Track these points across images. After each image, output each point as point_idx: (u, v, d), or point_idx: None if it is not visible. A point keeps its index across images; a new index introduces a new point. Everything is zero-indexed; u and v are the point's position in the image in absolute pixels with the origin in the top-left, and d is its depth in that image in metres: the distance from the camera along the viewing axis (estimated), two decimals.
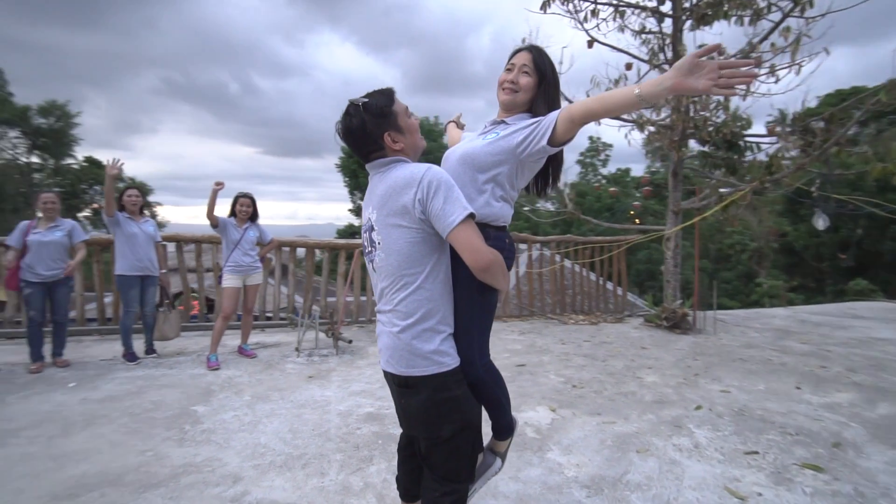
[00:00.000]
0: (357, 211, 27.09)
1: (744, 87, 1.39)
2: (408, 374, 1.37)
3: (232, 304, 4.27)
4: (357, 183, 25.33)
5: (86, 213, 32.44)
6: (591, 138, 31.15)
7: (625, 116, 5.87)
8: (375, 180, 1.43)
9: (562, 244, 6.99)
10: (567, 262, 7.21)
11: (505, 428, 1.66)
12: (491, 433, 1.68)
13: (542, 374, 4.02)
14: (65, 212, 4.19)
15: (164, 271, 4.51)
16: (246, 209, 4.35)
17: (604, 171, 32.35)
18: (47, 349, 4.06)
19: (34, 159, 31.35)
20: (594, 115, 1.29)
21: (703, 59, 1.12)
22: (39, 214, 4.05)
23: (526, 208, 9.26)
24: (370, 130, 1.35)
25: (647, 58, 5.85)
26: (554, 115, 1.36)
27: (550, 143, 1.35)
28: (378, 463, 2.46)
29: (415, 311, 1.34)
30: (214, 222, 4.16)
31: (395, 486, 1.74)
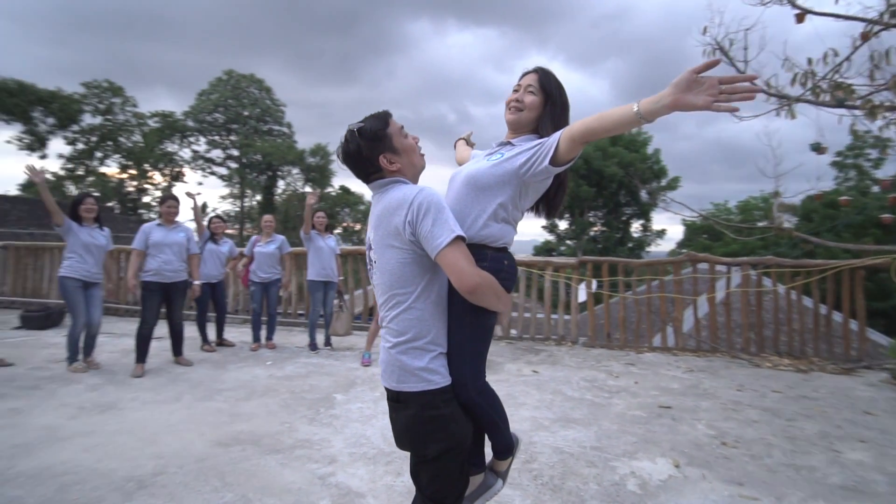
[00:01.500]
0: (550, 227, 27.05)
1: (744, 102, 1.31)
2: (398, 388, 1.42)
3: None
4: None
5: (338, 230, 41.29)
6: (854, 132, 23.84)
7: None
8: (375, 201, 1.53)
9: (759, 266, 5.66)
10: (780, 288, 5.77)
11: (504, 449, 1.60)
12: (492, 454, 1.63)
13: (686, 422, 3.37)
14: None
15: (341, 278, 5.44)
16: None
17: (879, 174, 24.34)
18: (264, 334, 5.37)
19: (307, 189, 41.05)
20: (594, 134, 1.28)
21: (702, 74, 1.09)
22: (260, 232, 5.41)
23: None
24: (366, 154, 1.43)
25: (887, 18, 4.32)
26: (556, 135, 1.35)
27: (553, 163, 1.35)
28: None
29: (406, 329, 1.38)
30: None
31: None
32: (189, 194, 5.06)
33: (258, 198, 38.96)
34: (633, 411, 3.56)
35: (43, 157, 28.62)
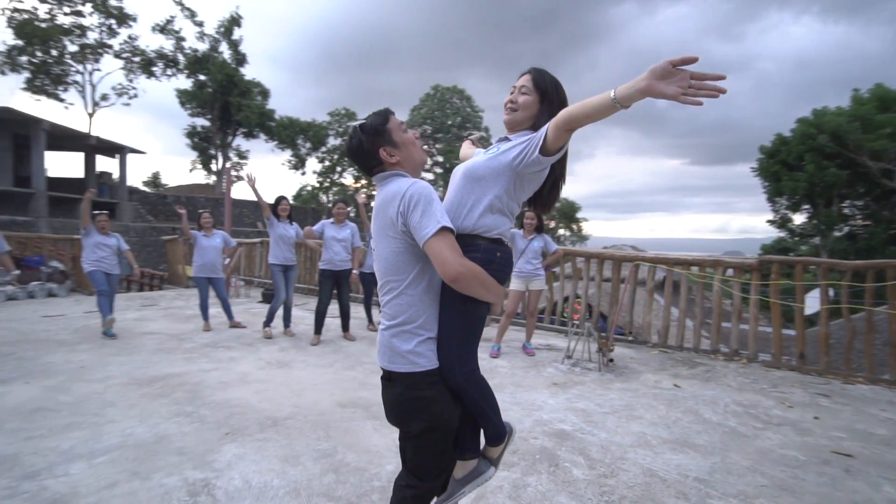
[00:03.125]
0: (781, 223, 22.01)
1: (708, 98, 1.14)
2: (388, 368, 1.58)
3: (513, 304, 4.92)
4: (779, 188, 20.54)
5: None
6: None
7: None
8: (377, 193, 1.70)
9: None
10: None
11: (494, 436, 1.61)
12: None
13: (865, 479, 2.50)
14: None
15: None
16: (531, 222, 4.90)
17: None
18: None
19: None
20: (576, 120, 1.30)
21: (678, 67, 1.13)
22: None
23: None
24: (367, 148, 1.57)
25: None
26: (545, 126, 1.39)
27: (542, 152, 1.38)
28: (535, 476, 2.47)
29: (398, 314, 1.53)
30: None
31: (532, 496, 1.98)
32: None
33: None
34: (788, 451, 2.82)
35: (303, 174, 37.18)
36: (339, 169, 39.38)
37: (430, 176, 41.51)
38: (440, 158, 39.72)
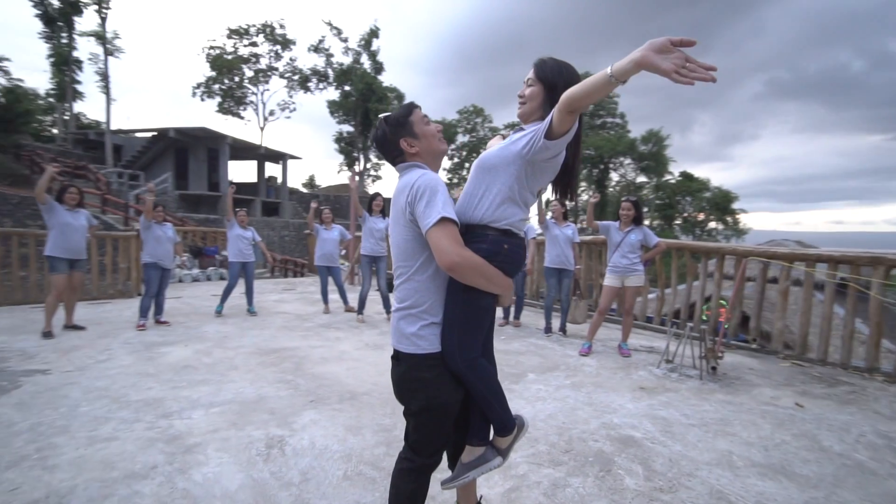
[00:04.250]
0: None
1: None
2: (396, 347, 1.71)
3: (607, 301, 4.61)
4: None
5: (677, 221, 37.83)
6: None
7: None
8: (397, 182, 1.81)
9: None
10: None
11: (500, 426, 1.63)
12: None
13: None
14: (661, 220, 5.54)
15: (578, 267, 5.44)
16: (627, 213, 4.54)
17: None
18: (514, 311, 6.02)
19: (641, 178, 39.44)
20: (576, 100, 1.30)
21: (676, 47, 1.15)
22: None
23: None
24: (390, 138, 1.68)
25: None
26: (552, 111, 1.41)
27: (548, 136, 1.38)
28: (580, 477, 2.39)
29: (405, 298, 1.64)
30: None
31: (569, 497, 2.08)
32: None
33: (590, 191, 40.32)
34: None
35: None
36: (467, 165, 40.53)
37: None
38: (590, 151, 37.97)
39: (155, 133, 22.44)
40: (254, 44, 31.22)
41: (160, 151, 23.08)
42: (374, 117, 32.52)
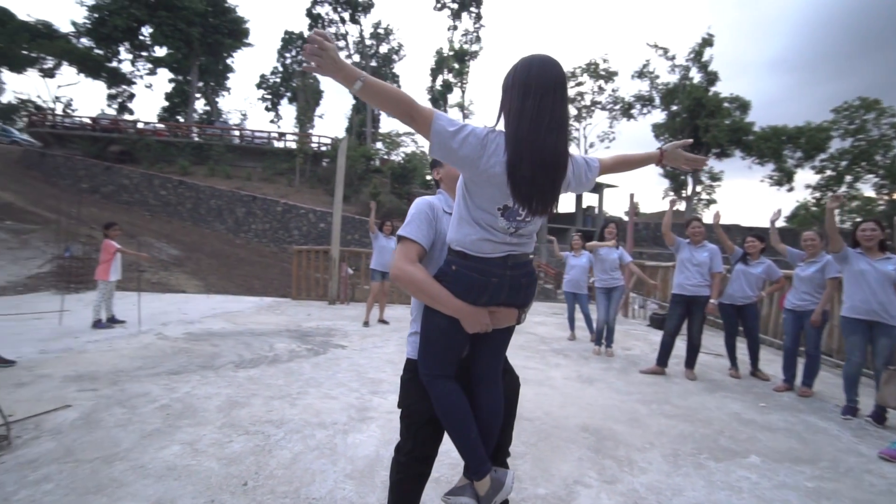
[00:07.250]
0: None
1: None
2: None
3: None
4: None
5: None
6: None
7: None
8: None
9: None
10: None
11: (466, 464, 1.54)
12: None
13: None
14: None
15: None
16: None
17: None
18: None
19: None
20: (399, 112, 1.34)
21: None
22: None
23: None
24: (431, 165, 1.95)
25: None
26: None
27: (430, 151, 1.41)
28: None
29: (412, 308, 1.79)
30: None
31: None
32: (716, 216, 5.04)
33: None
34: None
35: (790, 189, 30.99)
36: (848, 178, 30.24)
37: None
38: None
39: None
40: (579, 83, 33.48)
41: None
42: (703, 134, 28.95)
